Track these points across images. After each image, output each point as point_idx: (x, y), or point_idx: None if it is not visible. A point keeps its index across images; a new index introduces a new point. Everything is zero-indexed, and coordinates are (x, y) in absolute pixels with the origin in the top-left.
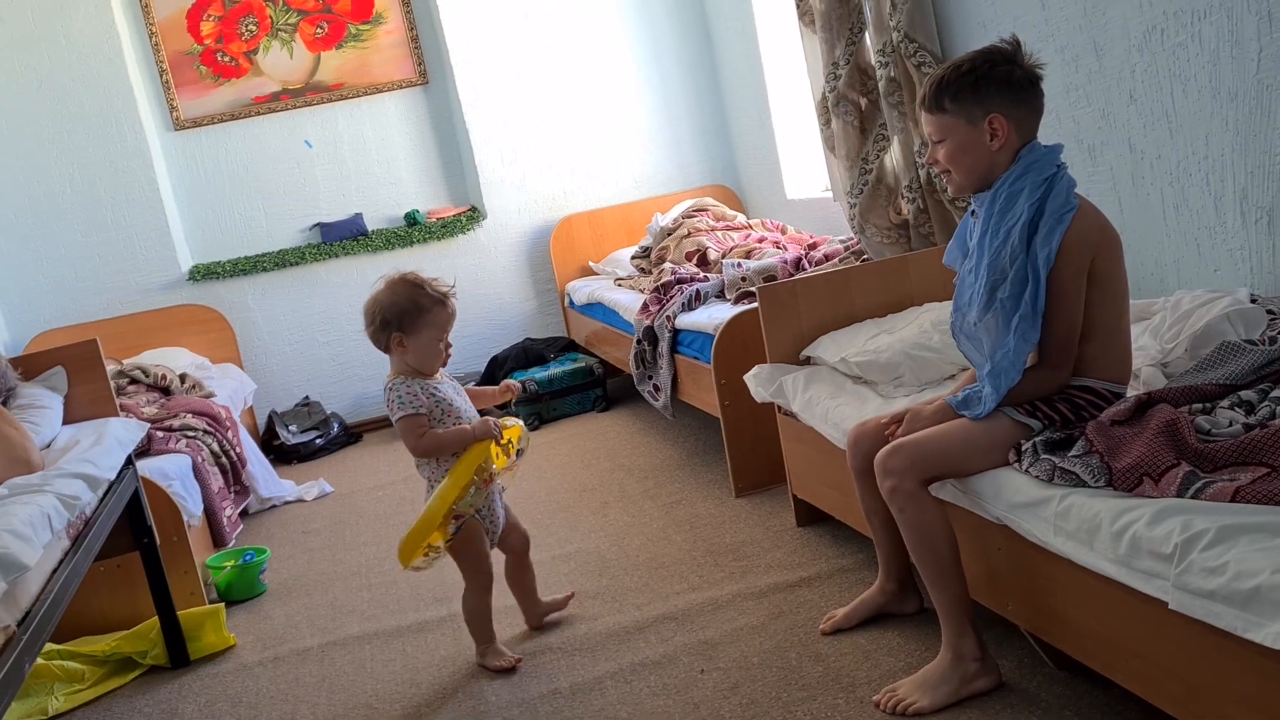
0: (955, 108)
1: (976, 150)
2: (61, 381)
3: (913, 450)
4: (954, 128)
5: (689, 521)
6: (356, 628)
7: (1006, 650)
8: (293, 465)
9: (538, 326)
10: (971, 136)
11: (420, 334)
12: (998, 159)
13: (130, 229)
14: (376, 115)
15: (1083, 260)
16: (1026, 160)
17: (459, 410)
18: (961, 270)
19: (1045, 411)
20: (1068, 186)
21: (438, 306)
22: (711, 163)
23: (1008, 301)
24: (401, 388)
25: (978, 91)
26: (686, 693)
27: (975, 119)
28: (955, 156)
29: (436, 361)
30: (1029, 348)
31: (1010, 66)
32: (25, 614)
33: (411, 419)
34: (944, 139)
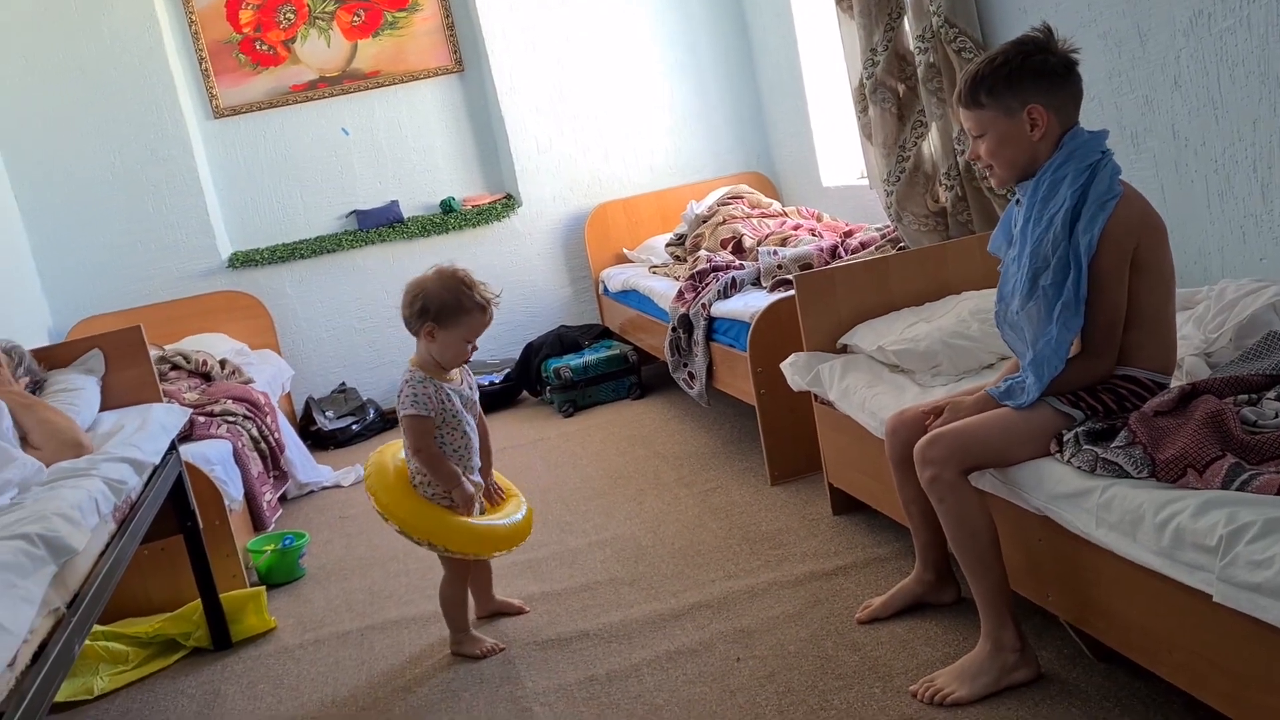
0: (992, 101)
1: (1017, 142)
2: (98, 364)
3: (953, 439)
4: (993, 121)
5: (724, 509)
6: (395, 612)
7: (1046, 641)
8: (329, 451)
9: (572, 314)
10: (1011, 129)
11: (453, 331)
12: (1039, 148)
13: (171, 216)
14: (412, 103)
15: (1126, 247)
16: (1069, 147)
17: (460, 421)
18: (1005, 259)
19: (1088, 401)
20: (1112, 173)
21: (477, 311)
22: (746, 150)
23: (1050, 289)
24: (418, 385)
25: (1013, 83)
26: (723, 680)
27: (1013, 111)
28: (996, 150)
29: (458, 360)
30: (1072, 336)
31: (1044, 55)
32: (74, 596)
33: (421, 421)
34: (983, 133)
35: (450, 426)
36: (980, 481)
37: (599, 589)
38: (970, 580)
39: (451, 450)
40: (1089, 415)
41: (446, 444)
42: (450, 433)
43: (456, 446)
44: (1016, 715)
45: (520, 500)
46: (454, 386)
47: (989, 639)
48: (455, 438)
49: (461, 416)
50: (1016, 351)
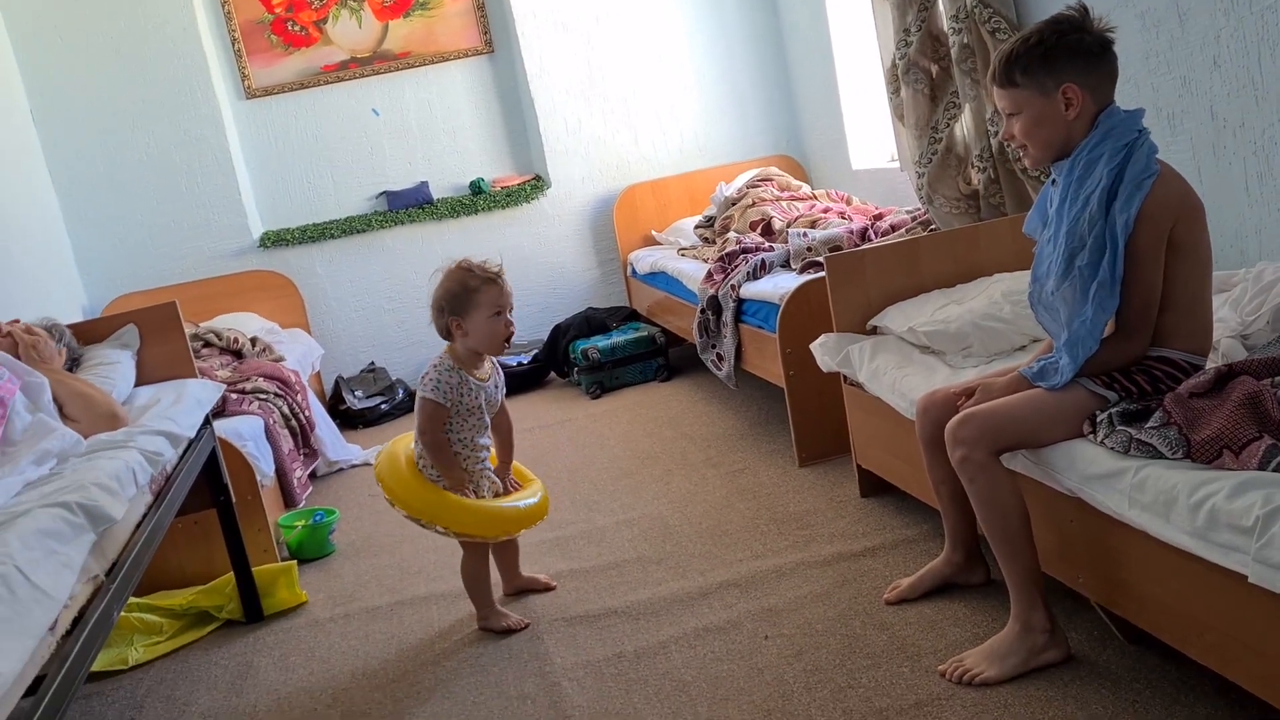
0: (1027, 81)
1: (1052, 122)
2: (133, 338)
3: (985, 420)
4: (1027, 101)
5: (752, 490)
6: (424, 588)
7: (1076, 623)
8: (358, 430)
9: (600, 296)
10: (1046, 108)
11: (474, 314)
12: (1075, 128)
13: (203, 196)
14: (443, 84)
15: (1162, 227)
16: (1105, 126)
17: (480, 418)
18: (1040, 240)
19: (1122, 383)
20: (1149, 152)
21: (487, 284)
22: (776, 132)
23: (1086, 269)
24: (443, 372)
25: (1048, 62)
26: (750, 658)
27: (1048, 90)
28: (1031, 130)
29: (498, 340)
30: (1107, 316)
31: (1079, 34)
32: (113, 564)
33: (436, 407)
34: (1018, 112)
35: (461, 418)
36: (1012, 462)
37: (627, 567)
38: (1000, 561)
39: (457, 437)
40: (1122, 396)
41: (454, 430)
42: (461, 424)
43: (466, 442)
44: (1046, 696)
45: (537, 487)
46: (482, 384)
47: (1018, 620)
48: (469, 434)
49: (481, 414)
50: (1050, 332)
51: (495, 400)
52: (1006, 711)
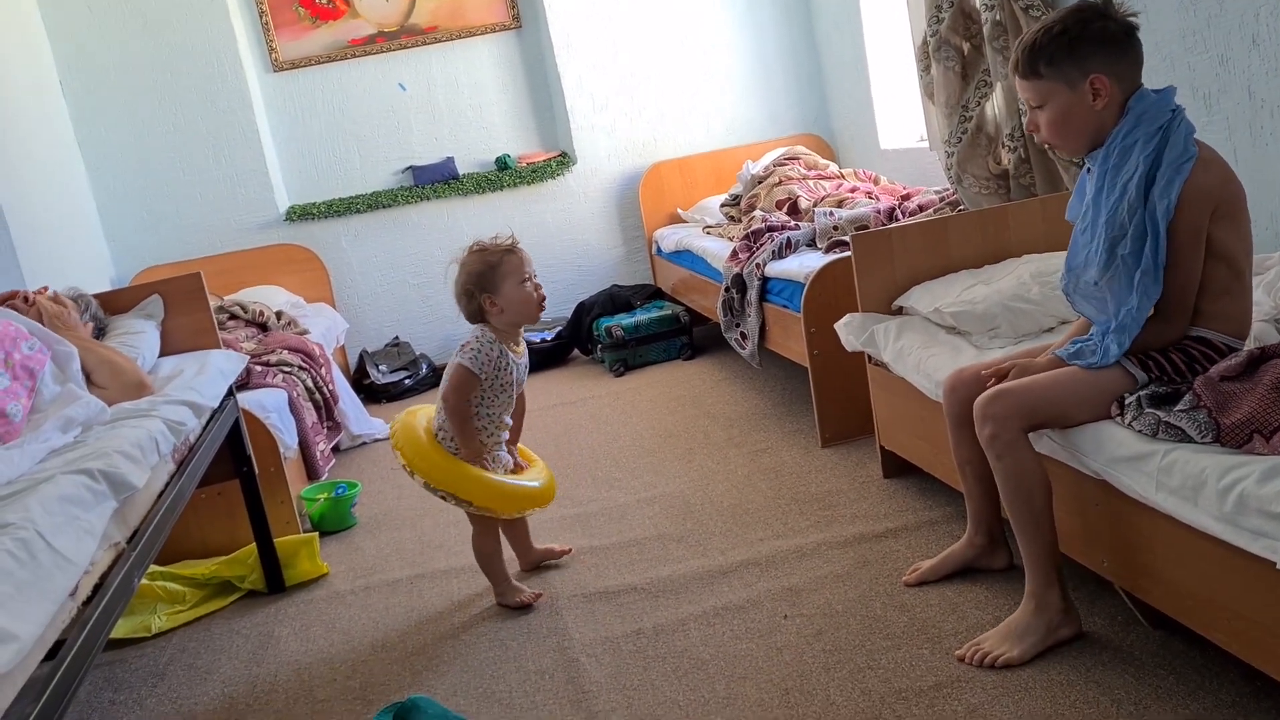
0: (1052, 72)
1: (1081, 114)
2: (158, 308)
3: (1017, 397)
4: (1053, 92)
5: (774, 470)
6: (444, 562)
7: (1099, 607)
8: (382, 404)
9: (625, 273)
10: (1073, 101)
11: (504, 286)
12: (1104, 117)
13: (230, 169)
14: (469, 59)
15: (1203, 211)
16: (1136, 111)
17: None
18: (1075, 230)
19: (1158, 362)
20: (1186, 133)
21: (506, 255)
22: (804, 111)
23: (1129, 258)
24: (486, 344)
25: (1074, 52)
26: (769, 637)
27: (1075, 82)
28: (1058, 124)
29: (532, 305)
30: (1152, 303)
31: (1104, 21)
32: (134, 532)
33: (469, 376)
34: (1043, 104)
35: (494, 393)
36: (1038, 444)
37: (647, 544)
38: (1020, 540)
39: (486, 412)
40: (1156, 377)
41: (484, 405)
42: (493, 399)
43: (493, 417)
44: (1067, 679)
45: (542, 467)
46: (518, 361)
47: (1034, 598)
48: (497, 408)
49: (511, 392)
50: (1092, 319)
51: (523, 379)
52: (1028, 694)
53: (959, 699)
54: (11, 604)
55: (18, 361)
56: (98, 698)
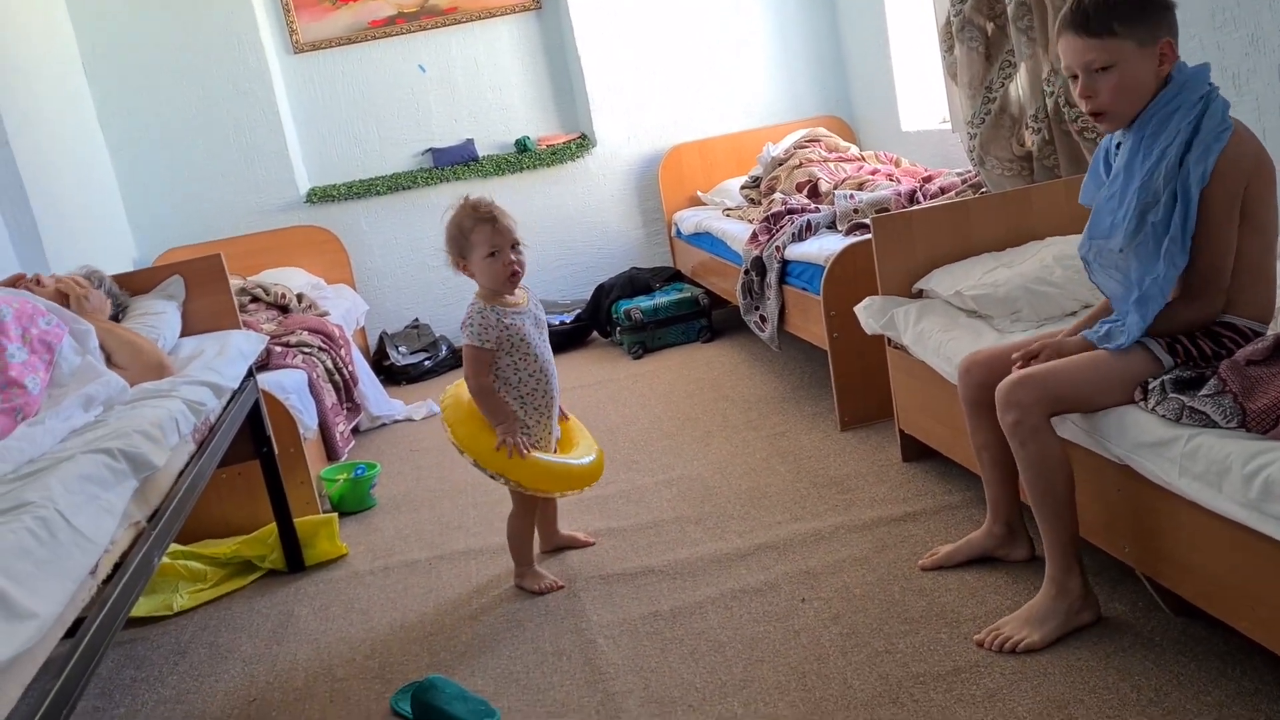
0: (1127, 31)
1: (1146, 78)
2: (179, 289)
3: (1042, 382)
4: (1124, 54)
5: (792, 453)
6: (462, 544)
7: (1120, 593)
8: (402, 386)
9: (644, 256)
10: (1143, 63)
11: (474, 251)
12: (1157, 86)
13: (251, 151)
14: (489, 40)
15: (1236, 185)
16: (1179, 79)
17: (530, 343)
18: (1099, 197)
19: (1185, 345)
20: (1223, 107)
21: (480, 225)
22: (825, 93)
23: (1159, 225)
24: (476, 314)
25: (1147, 12)
26: (787, 620)
27: (1146, 43)
28: (1123, 88)
29: (500, 277)
30: (1176, 273)
31: None
32: (154, 511)
33: (476, 350)
34: (1111, 65)
35: (520, 353)
36: (1060, 429)
37: (665, 527)
38: (1042, 526)
39: (527, 375)
40: (1181, 362)
41: (521, 371)
42: (522, 359)
43: (532, 372)
44: (1087, 665)
45: (591, 443)
46: (519, 311)
47: (1054, 584)
48: (528, 363)
49: (532, 341)
50: (1109, 292)
51: (542, 321)
52: (1046, 679)
53: (977, 683)
54: (32, 582)
55: (35, 336)
56: (120, 675)
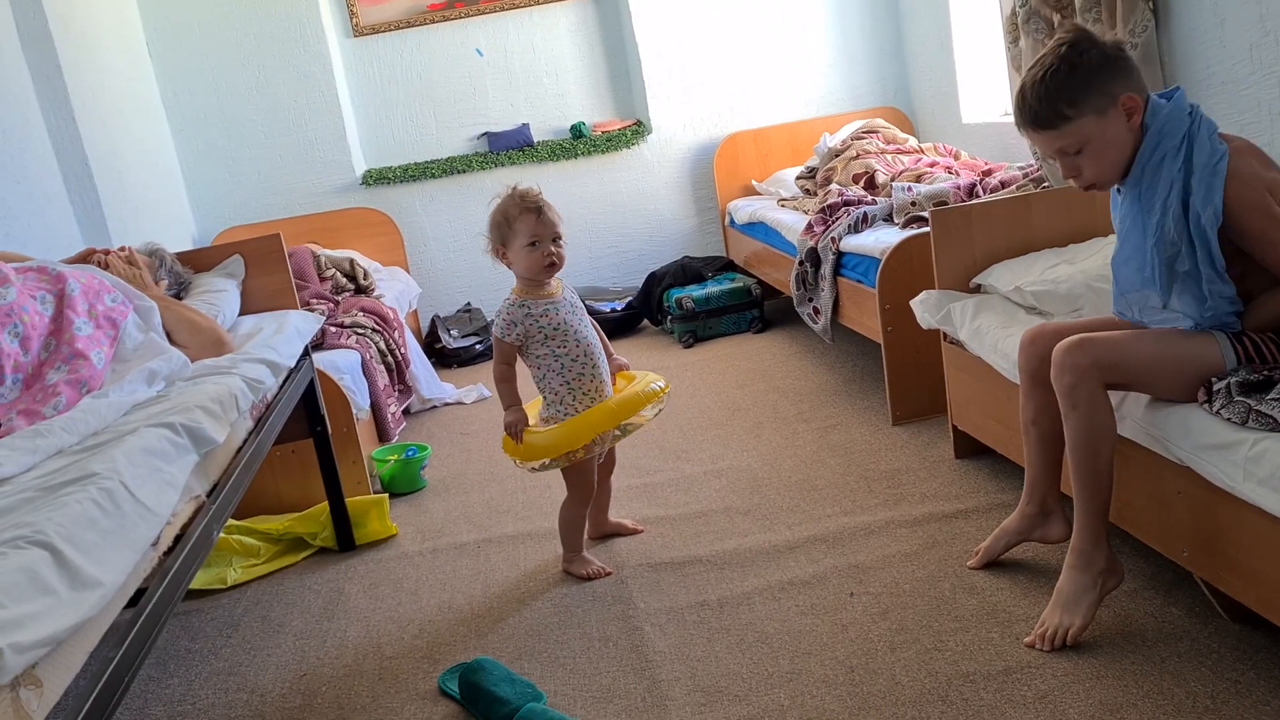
0: (1079, 109)
1: (1119, 140)
2: (239, 268)
3: (1102, 348)
4: (1087, 130)
5: (843, 446)
6: (511, 528)
7: (1176, 598)
8: (453, 369)
9: (697, 244)
10: (1110, 127)
11: (515, 242)
12: (1135, 137)
13: (309, 133)
14: (546, 26)
15: (1260, 193)
16: (1156, 126)
17: (569, 329)
18: (1117, 258)
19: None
20: (1209, 132)
21: (525, 214)
22: (884, 84)
23: (1190, 274)
24: (505, 310)
25: (1092, 81)
26: (835, 614)
27: (1105, 109)
28: (1100, 159)
29: (537, 267)
30: (1230, 300)
31: (1096, 46)
32: (214, 486)
33: (498, 343)
34: (1081, 147)
35: (559, 340)
36: (1121, 425)
37: (713, 516)
38: (1077, 495)
39: (570, 361)
40: (1244, 360)
41: (563, 356)
42: (561, 345)
43: (575, 356)
44: (1141, 670)
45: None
46: (553, 300)
47: (1080, 555)
48: (569, 348)
49: (569, 326)
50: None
51: (578, 306)
52: (1099, 682)
53: (1029, 685)
54: (97, 551)
55: (101, 312)
56: (174, 646)
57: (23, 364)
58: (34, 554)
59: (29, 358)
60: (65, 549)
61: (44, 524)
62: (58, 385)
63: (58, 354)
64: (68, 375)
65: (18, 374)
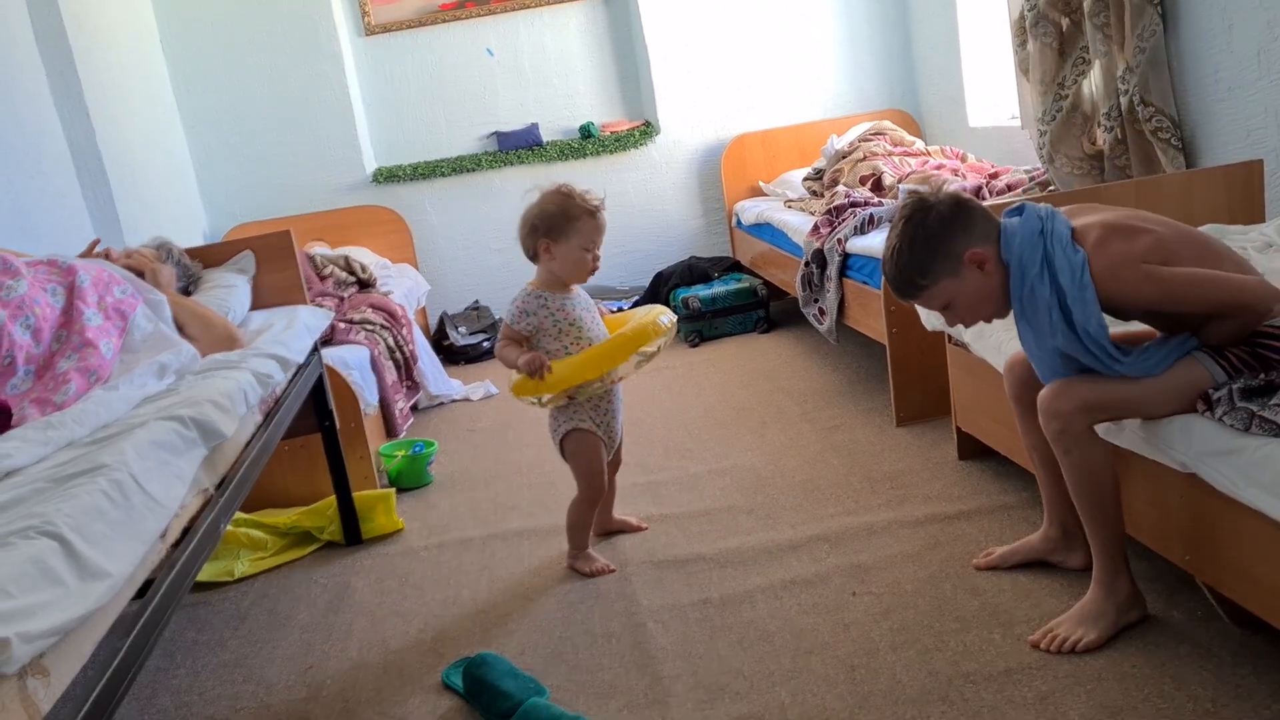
0: (932, 277)
1: (982, 288)
2: (250, 264)
3: (1085, 390)
4: (946, 291)
5: (847, 447)
6: (516, 523)
7: (1178, 601)
8: (461, 365)
9: (704, 245)
10: (965, 284)
11: (567, 242)
12: (1000, 279)
13: (321, 131)
14: (557, 26)
15: (1141, 273)
16: (1015, 260)
17: (583, 327)
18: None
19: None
20: (1063, 247)
21: (586, 217)
22: (891, 86)
23: (1099, 361)
24: (521, 299)
25: (935, 250)
26: (836, 613)
27: (956, 270)
28: (971, 308)
29: (582, 271)
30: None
31: (930, 210)
32: (222, 479)
33: (507, 328)
34: (948, 304)
35: (571, 336)
36: (1119, 436)
37: (717, 515)
38: (1088, 530)
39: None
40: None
41: (573, 351)
42: (574, 342)
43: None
44: (1141, 672)
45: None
46: (569, 296)
47: (1102, 584)
48: (580, 346)
49: (582, 323)
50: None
51: (592, 306)
52: (1100, 684)
53: (1029, 686)
54: (105, 542)
55: (110, 304)
56: (182, 637)
57: (35, 355)
58: (43, 544)
59: (40, 349)
60: (74, 539)
61: (53, 515)
62: (68, 373)
63: (68, 344)
64: (77, 364)
65: (30, 365)
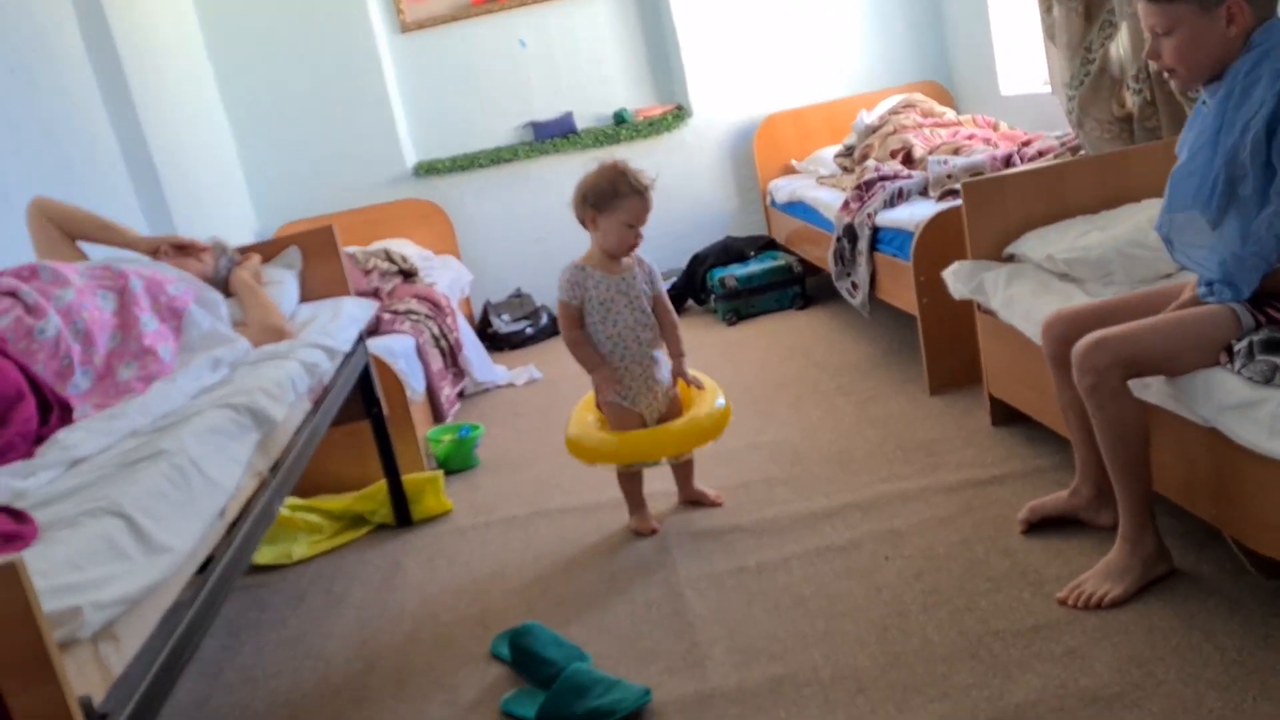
0: None
1: (1210, 40)
2: (296, 259)
3: (1117, 346)
4: (1185, 17)
5: (881, 418)
6: (559, 501)
7: (1206, 555)
8: (504, 352)
9: (739, 224)
10: (1206, 26)
11: (611, 216)
12: (1232, 46)
13: (361, 128)
14: (587, 14)
15: None
16: (1262, 45)
17: (610, 308)
18: (1177, 173)
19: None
20: None
21: (634, 195)
22: (923, 58)
23: (1252, 199)
24: (566, 272)
25: None
26: (870, 577)
27: (1210, 6)
28: (1185, 50)
29: (621, 246)
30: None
31: None
32: (275, 463)
33: (562, 306)
34: (1171, 30)
35: (599, 316)
36: (1144, 392)
37: (754, 487)
38: (1116, 484)
39: (604, 339)
40: (1265, 323)
41: (599, 333)
42: (600, 321)
43: (609, 335)
44: (1169, 625)
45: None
46: (612, 277)
47: (1128, 540)
48: (605, 327)
49: (612, 304)
50: (1201, 267)
51: (638, 292)
52: (1127, 636)
53: (1057, 640)
54: (168, 521)
55: (164, 304)
56: (245, 616)
57: (89, 359)
58: (110, 523)
59: (95, 352)
60: (139, 518)
61: (119, 496)
62: (130, 383)
63: (126, 349)
64: (139, 372)
65: (86, 367)
